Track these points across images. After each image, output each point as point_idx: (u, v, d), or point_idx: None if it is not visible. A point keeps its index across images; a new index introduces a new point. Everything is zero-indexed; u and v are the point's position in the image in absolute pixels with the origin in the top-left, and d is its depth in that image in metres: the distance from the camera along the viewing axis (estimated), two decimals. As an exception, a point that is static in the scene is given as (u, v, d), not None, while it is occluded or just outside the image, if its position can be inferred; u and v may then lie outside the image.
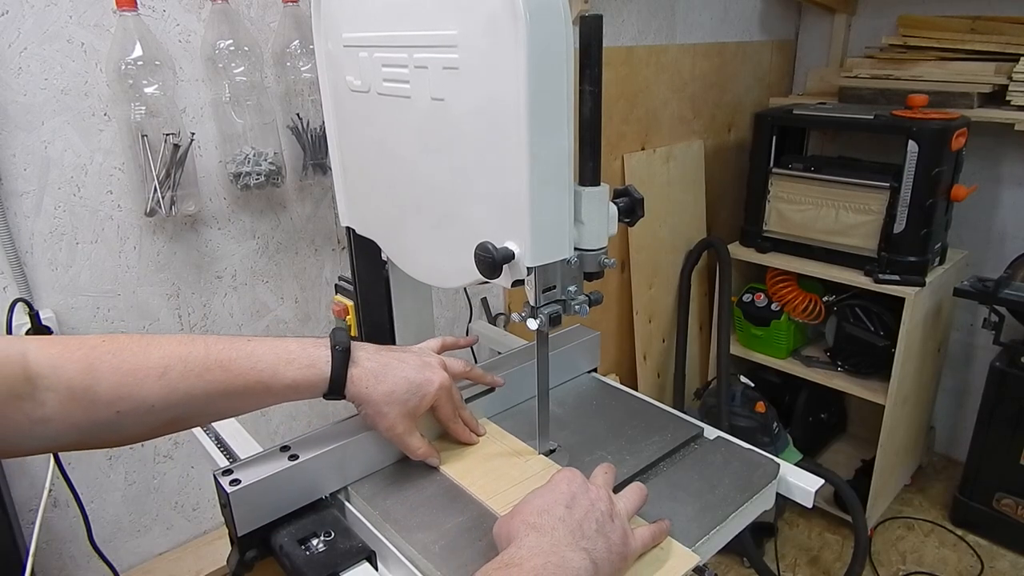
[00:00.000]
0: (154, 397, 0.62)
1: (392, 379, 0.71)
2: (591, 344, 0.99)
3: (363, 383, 0.70)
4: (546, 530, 0.58)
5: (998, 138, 1.99)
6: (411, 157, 0.74)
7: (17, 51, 0.96)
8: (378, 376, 0.71)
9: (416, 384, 0.72)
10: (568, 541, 0.57)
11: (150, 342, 0.64)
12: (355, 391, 0.70)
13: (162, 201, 1.07)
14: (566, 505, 0.60)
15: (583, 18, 0.62)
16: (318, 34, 0.83)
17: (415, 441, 0.75)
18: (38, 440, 0.60)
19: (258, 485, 0.68)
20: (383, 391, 0.71)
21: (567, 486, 0.63)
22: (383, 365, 0.72)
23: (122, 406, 0.61)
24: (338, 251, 1.38)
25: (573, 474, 0.65)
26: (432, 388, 0.73)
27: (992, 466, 1.95)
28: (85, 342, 0.62)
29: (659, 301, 2.12)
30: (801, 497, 0.77)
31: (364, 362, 0.71)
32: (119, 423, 0.62)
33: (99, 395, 0.60)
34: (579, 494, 0.62)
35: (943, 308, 2.02)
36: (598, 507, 0.61)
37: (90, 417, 0.61)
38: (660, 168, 2.01)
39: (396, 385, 0.71)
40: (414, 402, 0.72)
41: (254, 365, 0.66)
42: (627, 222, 0.73)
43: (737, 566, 1.96)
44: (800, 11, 2.39)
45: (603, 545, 0.59)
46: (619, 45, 1.81)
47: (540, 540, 0.57)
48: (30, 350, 0.59)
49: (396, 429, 0.72)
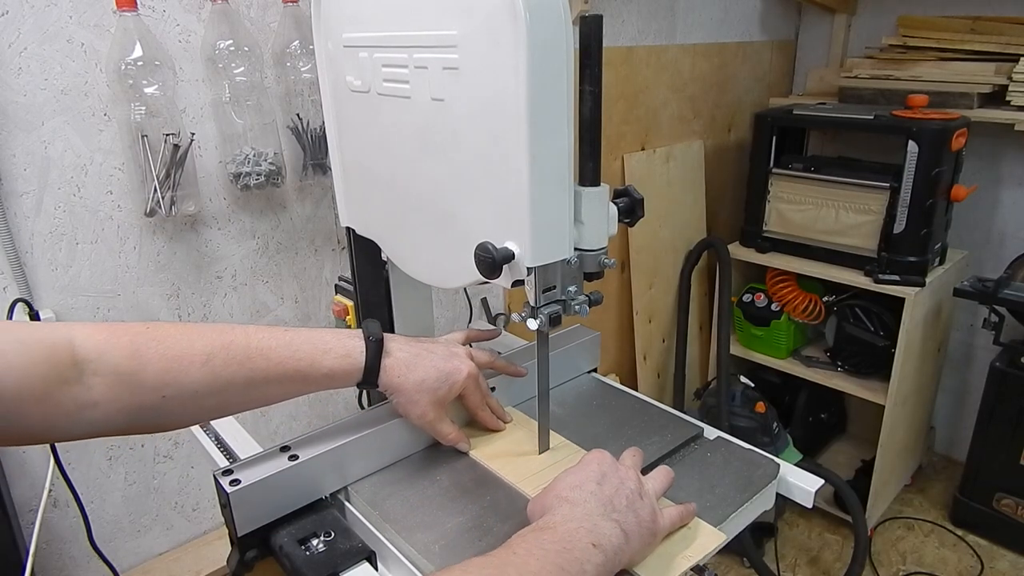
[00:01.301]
0: (198, 383, 0.64)
1: (423, 368, 0.74)
2: (591, 344, 0.99)
3: (396, 372, 0.73)
4: (578, 502, 0.61)
5: (998, 138, 1.99)
6: (411, 157, 0.74)
7: (17, 51, 0.96)
8: (410, 366, 0.73)
9: (446, 373, 0.75)
10: (600, 511, 0.60)
11: (192, 330, 0.66)
12: (388, 380, 0.73)
13: (162, 201, 1.07)
14: (597, 481, 0.63)
15: (583, 18, 0.62)
16: (318, 34, 0.83)
17: (446, 427, 0.77)
18: (86, 425, 0.61)
19: (258, 485, 0.68)
20: (415, 380, 0.73)
21: (597, 465, 0.65)
22: (414, 355, 0.74)
23: (167, 391, 0.63)
24: (338, 251, 1.38)
25: (603, 454, 0.67)
26: (461, 376, 0.76)
27: (992, 466, 1.95)
28: (130, 328, 0.64)
29: (659, 301, 2.12)
30: (801, 497, 0.77)
31: (396, 352, 0.74)
32: (164, 407, 0.64)
33: (145, 380, 0.62)
34: (609, 472, 0.65)
35: (943, 308, 2.02)
36: (627, 485, 0.64)
37: (137, 401, 0.62)
38: (660, 168, 2.01)
39: (427, 374, 0.74)
40: (444, 390, 0.75)
41: (293, 354, 0.68)
42: (627, 222, 0.73)
43: (737, 566, 1.96)
44: (800, 11, 2.39)
45: (633, 519, 0.61)
46: (619, 45, 1.81)
47: (573, 510, 0.60)
48: (76, 336, 0.61)
49: (428, 416, 0.75)
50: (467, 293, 1.59)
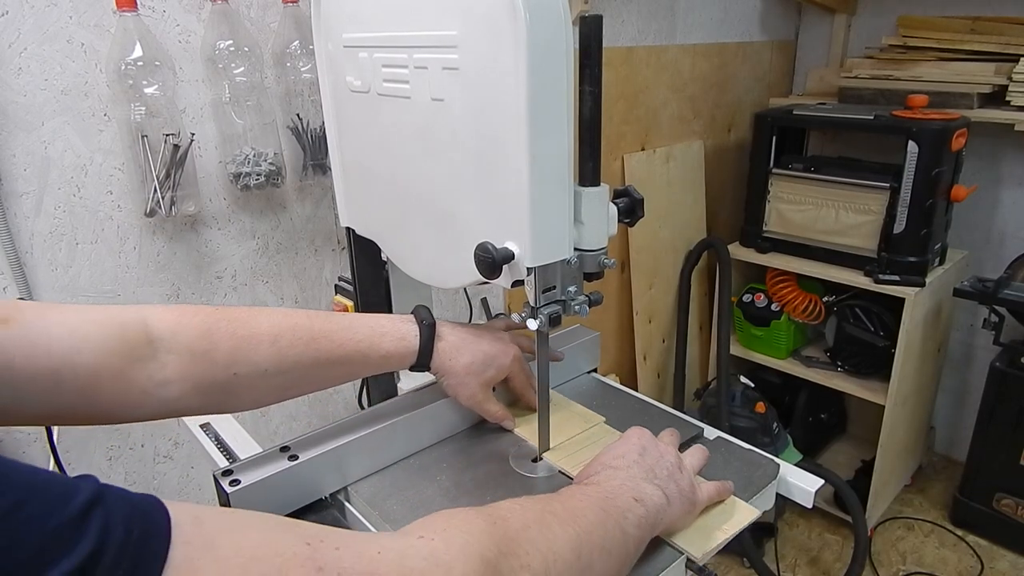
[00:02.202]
0: (267, 362, 0.66)
1: (471, 352, 0.77)
2: (591, 344, 0.99)
3: (447, 356, 0.76)
4: (621, 467, 0.64)
5: (998, 138, 1.99)
6: (411, 157, 0.74)
7: (17, 51, 0.96)
8: (459, 349, 0.76)
9: (492, 356, 0.78)
10: (642, 476, 0.64)
11: (258, 313, 0.69)
12: (439, 363, 0.76)
13: (162, 201, 1.07)
14: (639, 452, 0.67)
15: (583, 18, 0.62)
16: (318, 34, 0.83)
17: (493, 406, 0.81)
18: (159, 402, 0.63)
19: (258, 486, 0.68)
20: (464, 363, 0.76)
21: (638, 439, 0.69)
22: (463, 340, 0.78)
23: (239, 369, 0.65)
24: (338, 251, 1.38)
25: (643, 431, 0.71)
26: (507, 360, 0.79)
27: (992, 466, 1.95)
28: (201, 310, 0.66)
29: (659, 301, 2.12)
30: (801, 497, 0.77)
31: (447, 336, 0.77)
32: (235, 385, 0.66)
33: (217, 358, 0.64)
34: (649, 446, 0.68)
35: (943, 308, 2.02)
36: (667, 459, 0.67)
37: (209, 377, 0.64)
38: (660, 168, 2.01)
39: (475, 357, 0.77)
40: (491, 372, 0.78)
41: (352, 336, 0.71)
42: (627, 222, 0.73)
43: (737, 566, 1.96)
44: (800, 11, 2.39)
45: (674, 487, 0.64)
46: (619, 45, 1.81)
47: (616, 473, 0.64)
48: (149, 316, 0.63)
49: (477, 397, 0.79)
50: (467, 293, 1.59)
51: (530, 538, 0.50)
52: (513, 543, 0.49)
